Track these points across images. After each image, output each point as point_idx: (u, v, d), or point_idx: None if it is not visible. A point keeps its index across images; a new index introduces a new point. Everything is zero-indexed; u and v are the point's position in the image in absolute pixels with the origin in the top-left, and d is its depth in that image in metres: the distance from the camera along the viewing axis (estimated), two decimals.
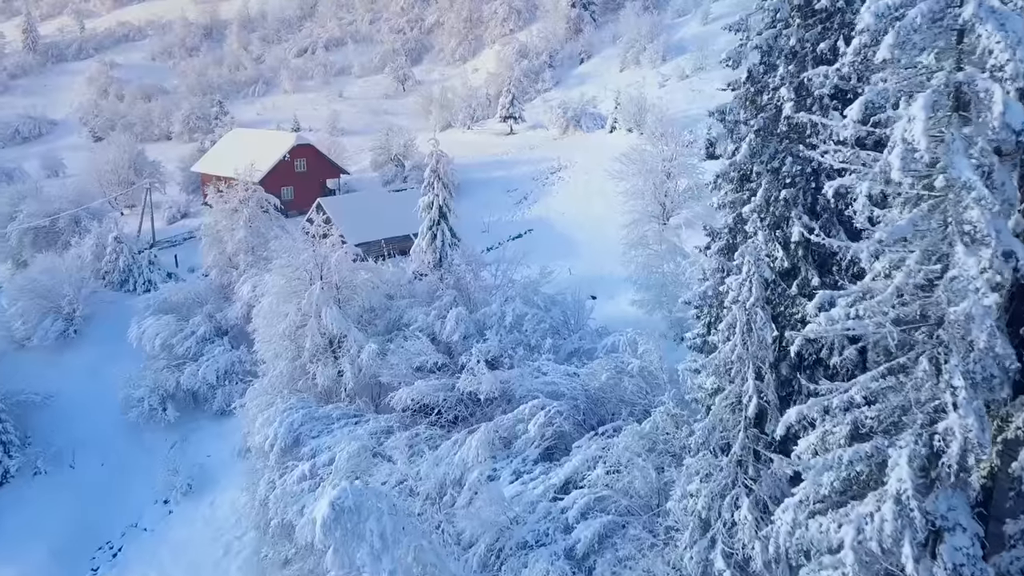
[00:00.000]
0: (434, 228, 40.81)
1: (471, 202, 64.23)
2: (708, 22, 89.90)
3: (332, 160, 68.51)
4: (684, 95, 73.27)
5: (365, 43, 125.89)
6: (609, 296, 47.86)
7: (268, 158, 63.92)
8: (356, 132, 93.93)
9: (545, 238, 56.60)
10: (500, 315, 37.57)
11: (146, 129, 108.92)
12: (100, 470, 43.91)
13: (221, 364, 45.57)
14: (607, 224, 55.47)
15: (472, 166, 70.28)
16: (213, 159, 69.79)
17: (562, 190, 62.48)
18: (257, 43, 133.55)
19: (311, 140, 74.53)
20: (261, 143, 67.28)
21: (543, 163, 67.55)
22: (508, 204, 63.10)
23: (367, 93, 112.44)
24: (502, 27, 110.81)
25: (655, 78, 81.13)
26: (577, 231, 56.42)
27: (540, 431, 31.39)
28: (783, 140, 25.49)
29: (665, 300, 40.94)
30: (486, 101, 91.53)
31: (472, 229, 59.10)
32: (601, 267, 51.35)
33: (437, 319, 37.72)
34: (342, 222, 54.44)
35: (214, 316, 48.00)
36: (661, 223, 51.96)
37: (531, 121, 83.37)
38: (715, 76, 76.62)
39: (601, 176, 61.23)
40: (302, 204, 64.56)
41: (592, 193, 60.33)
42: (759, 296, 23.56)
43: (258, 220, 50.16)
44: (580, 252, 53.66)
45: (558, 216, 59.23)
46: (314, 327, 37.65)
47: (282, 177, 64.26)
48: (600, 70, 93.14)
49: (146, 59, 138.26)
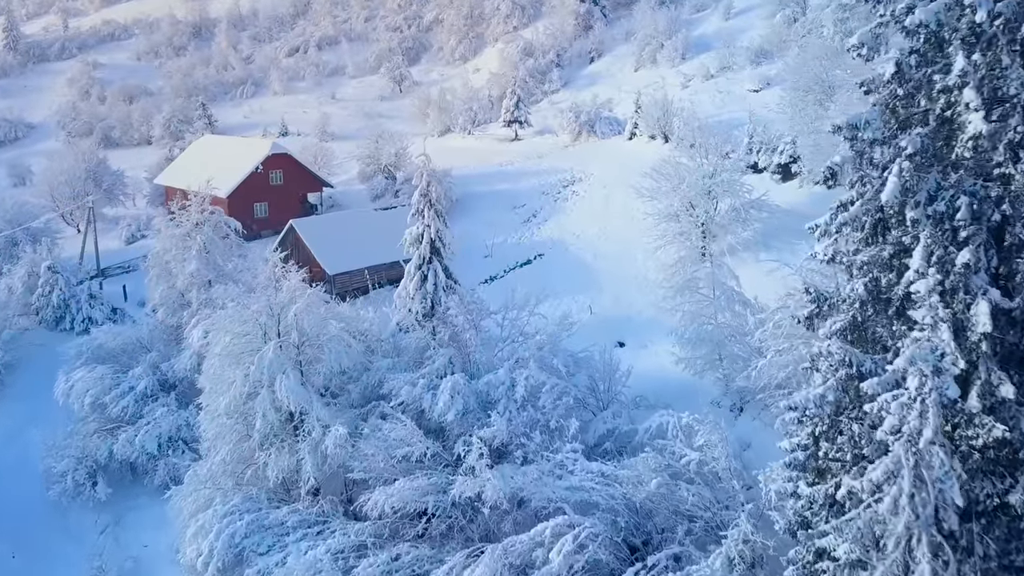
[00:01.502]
0: (424, 268, 31.31)
1: (471, 221, 54.67)
2: (731, 16, 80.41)
3: (313, 171, 58.86)
4: (710, 97, 63.67)
5: (360, 42, 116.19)
6: (641, 343, 38.35)
7: (239, 169, 54.44)
8: (348, 136, 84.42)
9: (559, 265, 47.04)
10: (509, 385, 28.06)
11: (125, 133, 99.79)
12: (10, 563, 34.42)
13: (165, 428, 36.03)
14: (633, 249, 46.01)
15: (472, 177, 60.72)
16: (178, 170, 60.27)
17: (577, 207, 52.90)
18: (247, 42, 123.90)
19: (289, 149, 65.13)
20: (233, 152, 57.74)
21: (554, 174, 57.97)
22: (514, 223, 53.54)
23: (361, 95, 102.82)
24: (505, 24, 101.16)
25: (676, 78, 71.47)
26: (597, 257, 46.84)
27: (567, 561, 22.11)
28: (956, 170, 16.00)
29: (720, 360, 31.45)
30: (488, 104, 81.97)
31: (473, 254, 49.59)
32: (628, 303, 41.86)
33: (427, 390, 28.21)
34: (318, 248, 45.01)
35: (159, 367, 38.41)
36: (699, 250, 42.52)
37: (538, 126, 73.77)
38: (744, 76, 67.04)
39: (623, 191, 51.75)
40: (278, 222, 55.05)
41: (613, 211, 50.77)
42: (937, 428, 14.24)
43: (215, 248, 40.62)
44: (601, 283, 44.10)
45: (573, 238, 49.66)
46: (266, 400, 28.16)
47: (254, 191, 54.77)
48: (612, 70, 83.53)
49: (131, 59, 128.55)
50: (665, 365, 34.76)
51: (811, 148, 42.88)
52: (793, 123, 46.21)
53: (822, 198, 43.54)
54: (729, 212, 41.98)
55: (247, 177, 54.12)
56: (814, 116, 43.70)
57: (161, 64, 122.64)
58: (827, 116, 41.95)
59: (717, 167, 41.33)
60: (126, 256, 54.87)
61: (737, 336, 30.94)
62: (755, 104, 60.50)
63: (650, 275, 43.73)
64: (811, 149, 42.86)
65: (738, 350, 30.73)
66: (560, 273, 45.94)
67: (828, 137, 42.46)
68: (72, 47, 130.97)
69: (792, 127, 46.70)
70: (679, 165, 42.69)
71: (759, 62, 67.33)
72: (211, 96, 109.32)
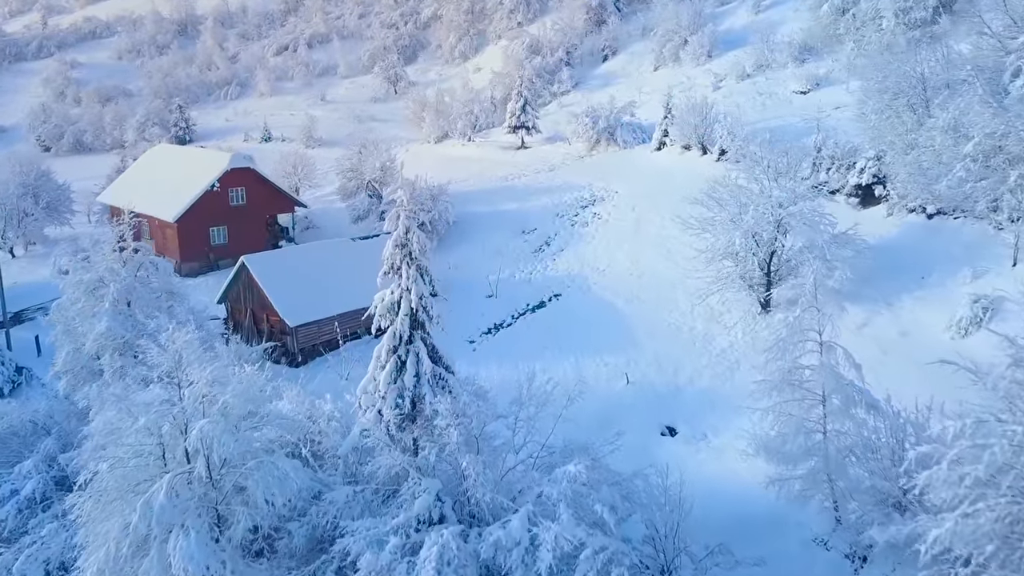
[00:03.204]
0: (401, 350, 20.84)
1: (471, 249, 44.21)
2: (762, 9, 69.70)
3: (283, 189, 48.16)
4: (749, 100, 53.17)
5: (353, 39, 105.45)
6: (697, 431, 27.94)
7: (192, 187, 43.90)
8: (336, 142, 73.88)
9: (580, 311, 36.54)
10: (527, 545, 17.62)
11: (97, 137, 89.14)
12: None
13: (55, 551, 25.48)
14: (674, 290, 35.58)
15: (473, 194, 50.20)
16: (123, 186, 49.67)
17: (600, 234, 42.33)
18: (234, 40, 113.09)
19: (256, 161, 54.90)
20: (189, 165, 47.09)
21: (569, 191, 47.39)
22: (523, 252, 42.99)
23: (353, 96, 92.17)
24: (509, 19, 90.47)
25: (704, 78, 60.89)
26: (629, 301, 36.29)
27: None
28: None
29: (829, 481, 20.93)
30: (491, 107, 71.30)
31: (473, 292, 39.16)
32: (674, 368, 31.39)
33: (400, 557, 17.76)
34: (277, 292, 34.50)
35: (56, 459, 27.94)
36: (762, 297, 32.07)
37: (547, 131, 63.14)
38: (786, 75, 56.28)
39: (656, 214, 41.24)
40: (240, 249, 44.45)
41: (645, 239, 40.24)
42: None
43: (138, 299, 30.14)
44: (637, 337, 33.59)
45: (596, 275, 39.11)
46: (155, 566, 17.81)
47: (210, 214, 44.26)
48: (629, 69, 72.85)
49: (112, 58, 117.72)
50: (738, 470, 24.41)
51: (908, 167, 32.35)
52: (877, 134, 35.71)
53: (922, 230, 33.07)
54: (803, 250, 31.52)
55: (200, 197, 43.53)
56: (910, 126, 33.19)
57: (143, 63, 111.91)
58: (930, 126, 31.53)
59: (796, 194, 30.81)
60: (49, 295, 44.00)
61: (859, 452, 20.48)
62: (802, 107, 50.11)
63: (698, 325, 33.34)
64: (908, 168, 32.33)
65: (862, 474, 20.27)
66: (582, 321, 35.47)
67: (932, 153, 32.15)
68: (51, 45, 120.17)
69: (874, 139, 36.19)
70: (739, 189, 32.17)
71: (803, 59, 56.84)
72: (193, 97, 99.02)
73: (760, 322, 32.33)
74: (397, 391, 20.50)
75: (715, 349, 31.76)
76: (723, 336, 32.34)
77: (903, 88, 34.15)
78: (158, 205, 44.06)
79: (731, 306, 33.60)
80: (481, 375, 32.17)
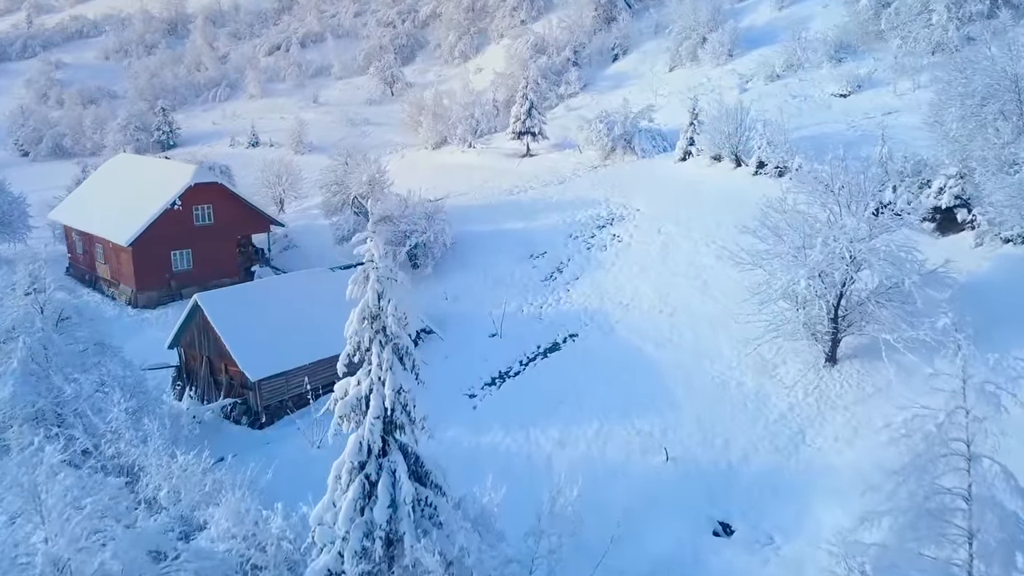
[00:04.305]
0: (370, 468, 14.35)
1: (472, 276, 37.72)
2: (785, 5, 63.00)
3: (256, 207, 41.46)
4: (782, 103, 46.43)
5: (348, 39, 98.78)
6: (760, 530, 21.43)
7: (150, 205, 37.33)
8: (327, 147, 67.24)
9: (601, 357, 29.96)
10: None
11: (77, 142, 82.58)
12: None
13: None
14: (716, 333, 29.08)
15: (473, 211, 43.66)
16: (78, 202, 43.05)
17: (621, 259, 35.78)
18: (225, 39, 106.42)
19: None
20: (150, 178, 40.31)
21: (583, 208, 40.83)
22: (532, 281, 36.46)
23: (347, 98, 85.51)
24: (512, 17, 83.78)
25: (727, 79, 54.39)
26: (659, 345, 29.73)
27: None
28: None
29: None
30: (493, 110, 64.71)
31: (475, 329, 32.78)
32: (725, 439, 24.89)
33: None
34: (237, 339, 27.97)
35: None
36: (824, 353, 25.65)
37: (555, 137, 56.54)
38: (822, 76, 49.53)
39: (686, 236, 34.68)
40: (207, 275, 38.25)
41: (675, 267, 33.67)
42: None
43: (54, 356, 23.67)
44: (674, 395, 27.05)
45: (619, 310, 32.55)
46: None
47: (172, 235, 37.65)
48: (641, 69, 66.18)
49: (99, 58, 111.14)
50: None
51: (1008, 189, 25.82)
52: (959, 147, 29.15)
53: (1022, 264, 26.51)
54: (878, 292, 25.04)
55: (159, 217, 36.98)
56: (1008, 138, 26.65)
57: (130, 64, 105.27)
58: None
59: (874, 223, 24.29)
60: None
61: None
62: (844, 113, 43.61)
63: (747, 380, 26.84)
64: (1008, 190, 25.79)
65: None
66: (605, 372, 28.94)
67: None
68: (35, 45, 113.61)
69: (954, 153, 29.64)
70: (801, 217, 25.64)
71: (839, 58, 50.29)
72: (181, 99, 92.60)
73: (826, 378, 25.85)
74: (364, 528, 14.02)
75: (771, 413, 25.27)
76: (780, 395, 25.83)
77: (994, 91, 27.59)
78: (111, 225, 37.64)
79: (787, 356, 27.11)
80: (483, 444, 25.82)
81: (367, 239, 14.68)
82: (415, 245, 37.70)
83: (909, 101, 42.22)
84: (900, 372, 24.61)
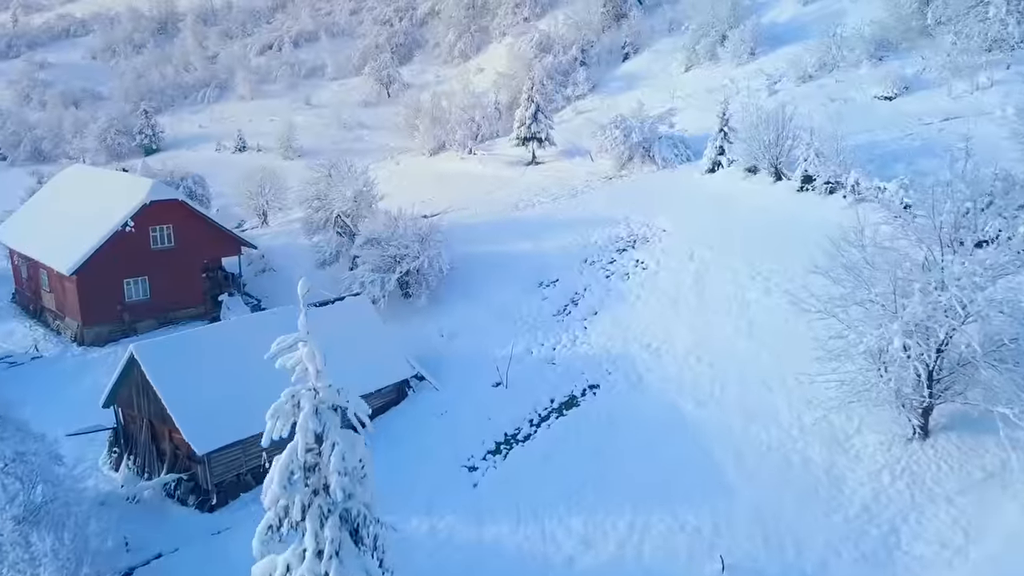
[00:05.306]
0: None
1: (471, 309, 31.93)
2: (810, 0, 57.16)
3: (225, 227, 35.45)
4: (818, 107, 40.40)
5: (343, 37, 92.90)
6: None
7: (100, 226, 31.54)
8: (319, 152, 61.84)
9: (630, 418, 24.20)
10: None
11: (56, 146, 76.69)
12: None
13: None
14: (769, 389, 23.22)
15: (475, 229, 37.86)
16: (21, 220, 37.11)
17: (647, 291, 29.98)
18: (216, 39, 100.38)
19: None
20: (104, 194, 34.06)
21: (599, 227, 34.98)
22: (542, 315, 30.67)
23: (342, 99, 79.64)
24: (515, 14, 77.89)
25: (752, 80, 48.62)
26: (700, 403, 23.97)
27: None
28: None
29: None
30: (495, 113, 58.96)
31: (476, 376, 27.03)
32: (795, 540, 19.05)
33: None
34: (180, 403, 22.18)
35: None
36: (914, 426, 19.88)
37: (562, 143, 50.77)
38: (861, 77, 43.76)
39: (728, 267, 28.84)
40: (166, 306, 32.60)
41: (713, 303, 27.86)
42: None
43: None
44: (724, 473, 21.30)
45: (648, 355, 26.78)
46: None
47: (124, 261, 31.59)
48: (654, 69, 60.42)
49: (86, 58, 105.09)
50: None
51: None
52: None
53: None
54: (990, 348, 19.30)
55: (107, 240, 31.14)
56: None
57: (117, 64, 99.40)
58: None
59: (987, 266, 18.56)
60: None
61: None
62: (892, 118, 37.85)
63: (815, 455, 21.16)
64: None
65: None
66: (636, 438, 23.21)
67: None
68: (20, 44, 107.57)
69: None
70: (889, 255, 19.91)
71: (880, 56, 44.55)
72: (168, 101, 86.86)
73: (917, 456, 20.17)
74: None
75: (851, 502, 19.57)
76: (860, 478, 20.13)
77: None
78: (54, 249, 31.88)
79: (863, 423, 21.43)
80: (486, 539, 20.05)
81: (298, 342, 8.93)
82: (406, 272, 31.93)
83: (968, 104, 36.54)
84: (1019, 451, 18.94)
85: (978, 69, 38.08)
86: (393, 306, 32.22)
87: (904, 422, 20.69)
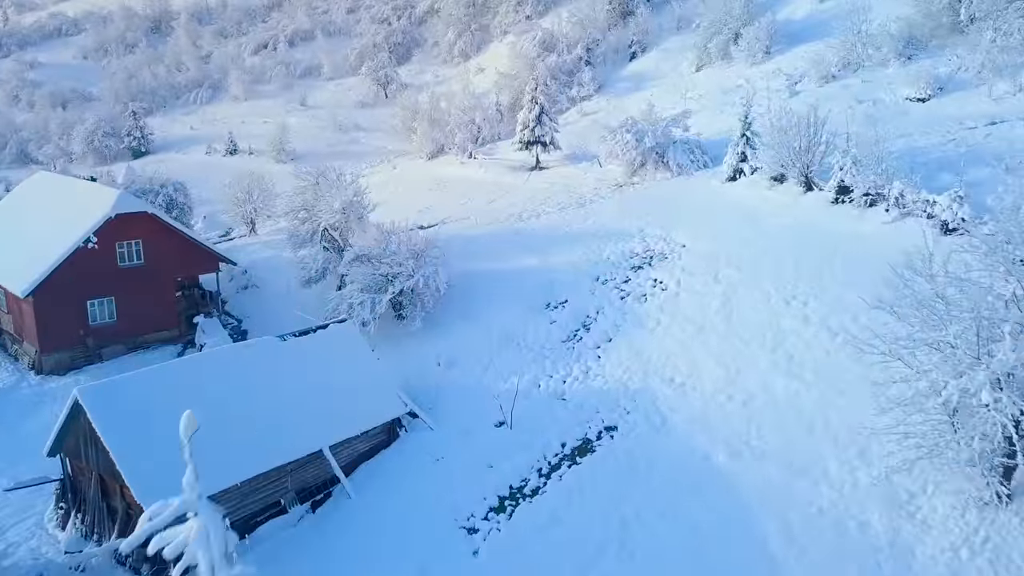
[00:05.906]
0: None
1: (471, 332, 28.55)
2: None
3: (200, 242, 32.06)
4: (844, 108, 36.97)
5: (339, 36, 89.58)
6: None
7: (61, 241, 28.23)
8: (313, 155, 58.60)
9: (652, 468, 20.88)
10: None
11: (41, 148, 73.52)
12: None
13: None
14: (815, 437, 19.70)
15: (475, 242, 34.53)
16: None
17: (667, 315, 26.63)
18: (210, 38, 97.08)
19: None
20: (70, 205, 30.64)
21: (611, 241, 31.63)
22: (551, 341, 27.35)
23: (338, 100, 76.48)
24: (517, 12, 74.59)
25: (770, 80, 45.18)
26: (735, 452, 20.64)
27: None
28: None
29: None
30: (497, 115, 55.66)
31: (477, 414, 23.59)
32: None
33: None
34: (131, 452, 18.89)
35: None
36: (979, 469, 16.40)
37: (567, 146, 47.43)
38: (889, 77, 40.30)
39: (759, 288, 25.34)
40: (136, 329, 29.32)
41: (745, 331, 24.47)
42: None
43: None
44: (767, 541, 17.93)
45: (671, 390, 23.46)
46: None
47: (88, 280, 28.22)
48: (663, 69, 57.13)
49: (77, 58, 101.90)
50: None
51: None
52: None
53: None
54: None
55: (68, 258, 27.78)
56: None
57: (108, 63, 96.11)
58: None
59: None
60: None
61: None
62: (927, 121, 34.52)
63: (874, 521, 17.82)
64: None
65: None
66: (660, 493, 19.89)
67: None
68: (10, 44, 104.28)
69: None
70: (971, 289, 16.60)
71: (909, 55, 41.22)
72: (160, 101, 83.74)
73: (999, 525, 16.85)
74: None
75: None
76: (931, 551, 16.83)
77: None
78: (9, 268, 28.59)
79: (928, 482, 18.11)
80: None
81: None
82: (400, 292, 28.59)
83: (1012, 107, 33.28)
84: None
85: (1021, 68, 34.84)
86: (385, 329, 28.91)
87: (979, 484, 17.38)
